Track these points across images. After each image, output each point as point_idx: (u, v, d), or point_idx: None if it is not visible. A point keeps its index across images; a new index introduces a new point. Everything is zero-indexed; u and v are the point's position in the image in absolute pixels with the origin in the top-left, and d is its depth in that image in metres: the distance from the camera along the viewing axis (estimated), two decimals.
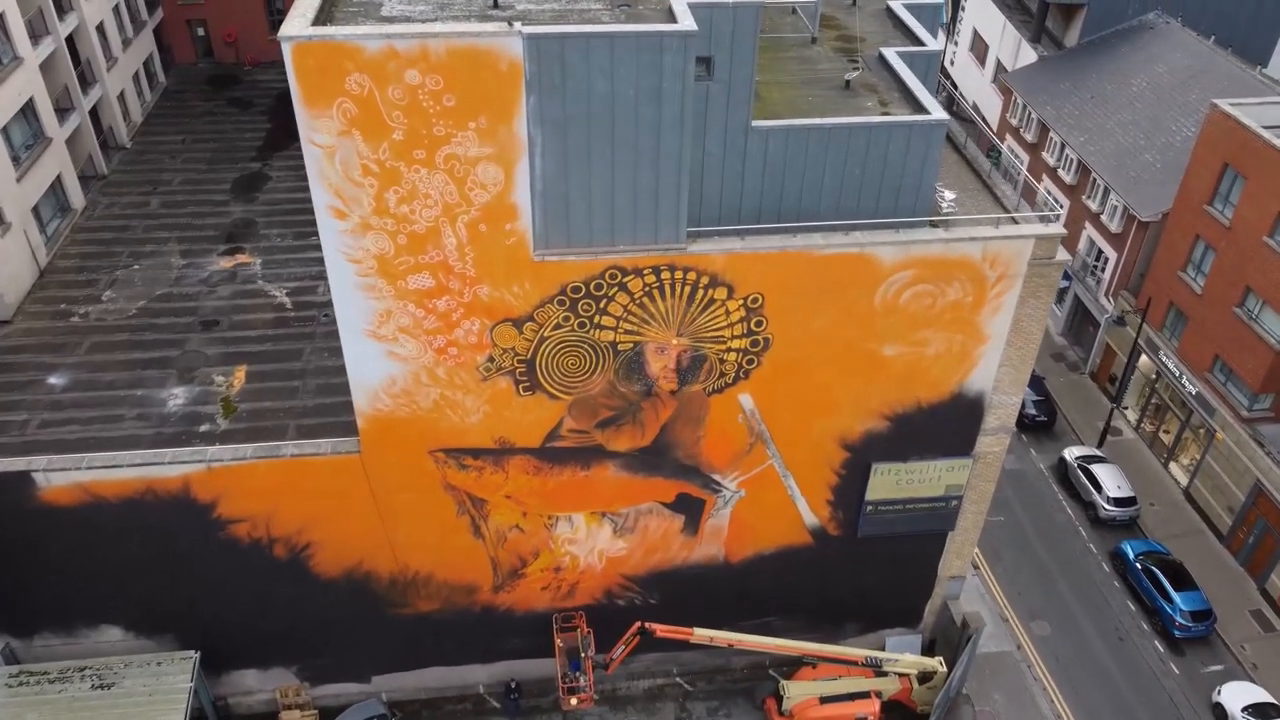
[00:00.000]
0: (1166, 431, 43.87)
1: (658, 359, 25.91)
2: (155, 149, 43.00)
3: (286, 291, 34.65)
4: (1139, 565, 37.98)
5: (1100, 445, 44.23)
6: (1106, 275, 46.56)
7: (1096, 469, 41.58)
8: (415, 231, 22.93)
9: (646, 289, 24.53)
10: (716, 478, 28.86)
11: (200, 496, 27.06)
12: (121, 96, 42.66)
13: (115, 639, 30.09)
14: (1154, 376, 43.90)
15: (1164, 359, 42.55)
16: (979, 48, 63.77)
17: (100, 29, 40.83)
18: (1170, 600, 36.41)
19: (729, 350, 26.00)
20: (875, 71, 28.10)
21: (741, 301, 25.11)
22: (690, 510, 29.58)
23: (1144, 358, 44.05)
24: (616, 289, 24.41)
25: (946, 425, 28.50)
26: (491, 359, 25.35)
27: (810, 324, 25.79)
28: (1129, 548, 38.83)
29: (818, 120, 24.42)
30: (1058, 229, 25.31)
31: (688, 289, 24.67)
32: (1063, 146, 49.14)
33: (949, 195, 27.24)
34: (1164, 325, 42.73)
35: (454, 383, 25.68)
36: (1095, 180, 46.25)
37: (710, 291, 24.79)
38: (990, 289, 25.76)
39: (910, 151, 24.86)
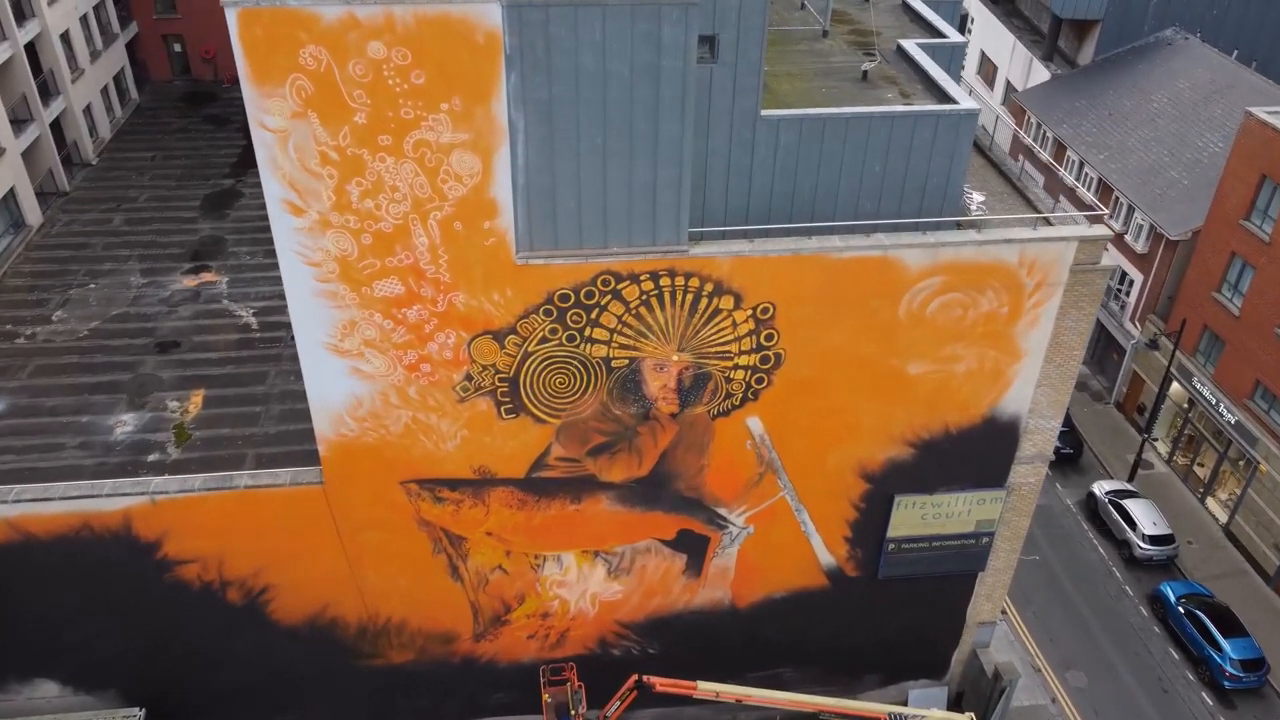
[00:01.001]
0: (1201, 464, 40.98)
1: (656, 377, 23.12)
2: (122, 165, 40.60)
3: (253, 311, 32.00)
4: (1181, 609, 34.89)
5: (1131, 479, 41.31)
6: (1132, 299, 43.94)
7: (1130, 504, 38.62)
8: (381, 230, 20.27)
9: (643, 297, 21.81)
10: (722, 512, 25.93)
11: (143, 533, 24.11)
12: (88, 110, 40.33)
13: (51, 695, 26.93)
14: (1187, 405, 41.09)
15: (1198, 386, 39.77)
16: (987, 69, 61.79)
17: (65, 38, 38.59)
18: (1219, 648, 33.27)
19: (736, 367, 23.22)
20: (894, 65, 25.66)
21: (750, 312, 22.38)
22: (693, 549, 26.60)
23: (1175, 385, 41.27)
24: (610, 297, 21.70)
25: (977, 453, 25.64)
26: (469, 377, 22.56)
27: (827, 338, 23.04)
28: (1169, 590, 35.74)
29: (834, 110, 21.90)
30: (1104, 230, 22.66)
31: (690, 297, 21.96)
32: (1081, 165, 46.78)
33: (978, 197, 24.65)
34: (1197, 350, 40.00)
35: (427, 404, 22.86)
36: (1118, 199, 43.80)
37: (715, 300, 22.07)
38: (1028, 298, 23.05)
39: (938, 145, 22.32)
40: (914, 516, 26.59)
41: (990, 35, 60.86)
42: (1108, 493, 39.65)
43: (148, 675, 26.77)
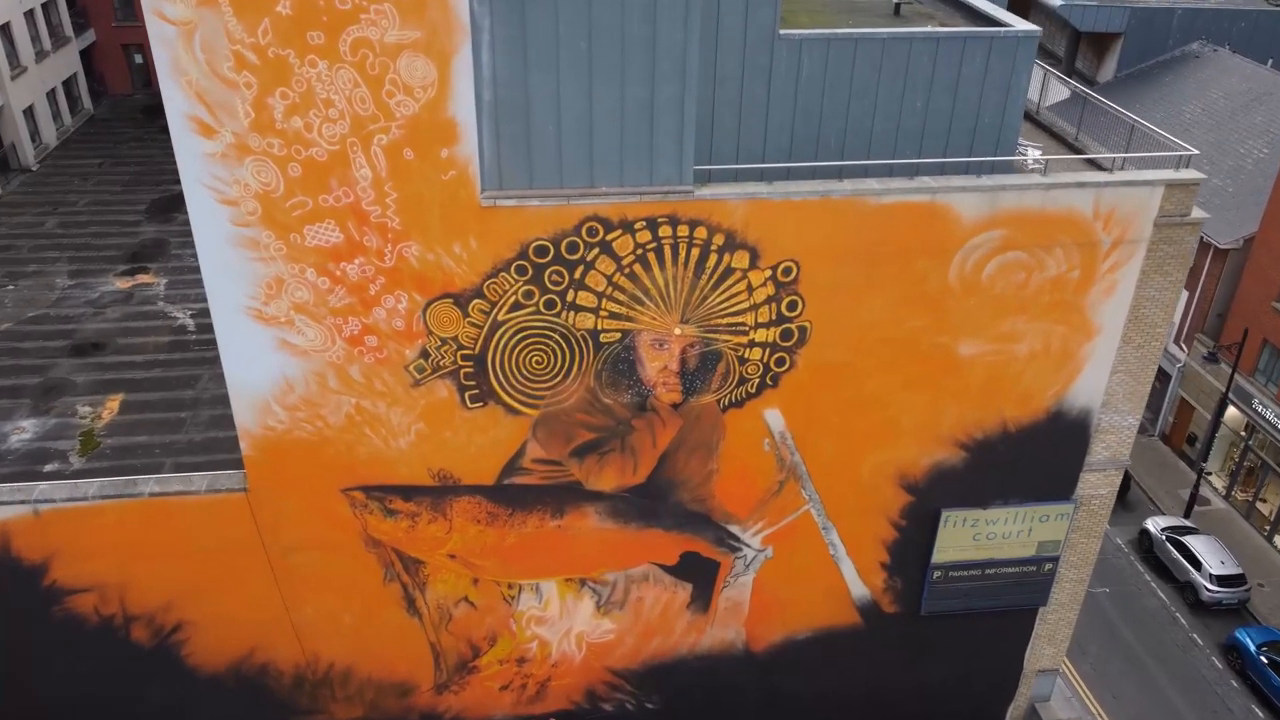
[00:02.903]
0: (1264, 499, 36.59)
1: (655, 356, 18.97)
2: (65, 172, 36.92)
3: (191, 313, 27.89)
4: (1264, 659, 30.15)
5: (1187, 515, 36.86)
6: (1176, 318, 40.03)
7: (1192, 542, 34.10)
8: (314, 158, 16.32)
9: (639, 252, 17.79)
10: (734, 531, 21.52)
11: (25, 554, 19.63)
12: (30, 113, 36.77)
13: None
14: (1245, 432, 36.87)
15: (1259, 409, 35.60)
16: None
17: (5, 30, 35.23)
18: None
19: (751, 345, 19.10)
20: (930, 3, 22.15)
21: (769, 273, 18.35)
22: (700, 577, 22.10)
23: (1231, 410, 37.11)
24: (598, 251, 17.68)
25: (1040, 457, 21.36)
26: (425, 354, 18.40)
27: (862, 308, 18.98)
28: (1246, 637, 31.05)
29: (867, 30, 18.23)
30: (1195, 174, 18.81)
31: (695, 253, 17.94)
32: None
33: (1034, 152, 20.83)
34: (1257, 369, 35.96)
35: (374, 389, 18.65)
36: None
37: (726, 257, 18.06)
38: (1103, 259, 19.07)
39: (991, 75, 18.65)
40: (964, 537, 22.18)
41: None
42: (1164, 529, 35.17)
43: None
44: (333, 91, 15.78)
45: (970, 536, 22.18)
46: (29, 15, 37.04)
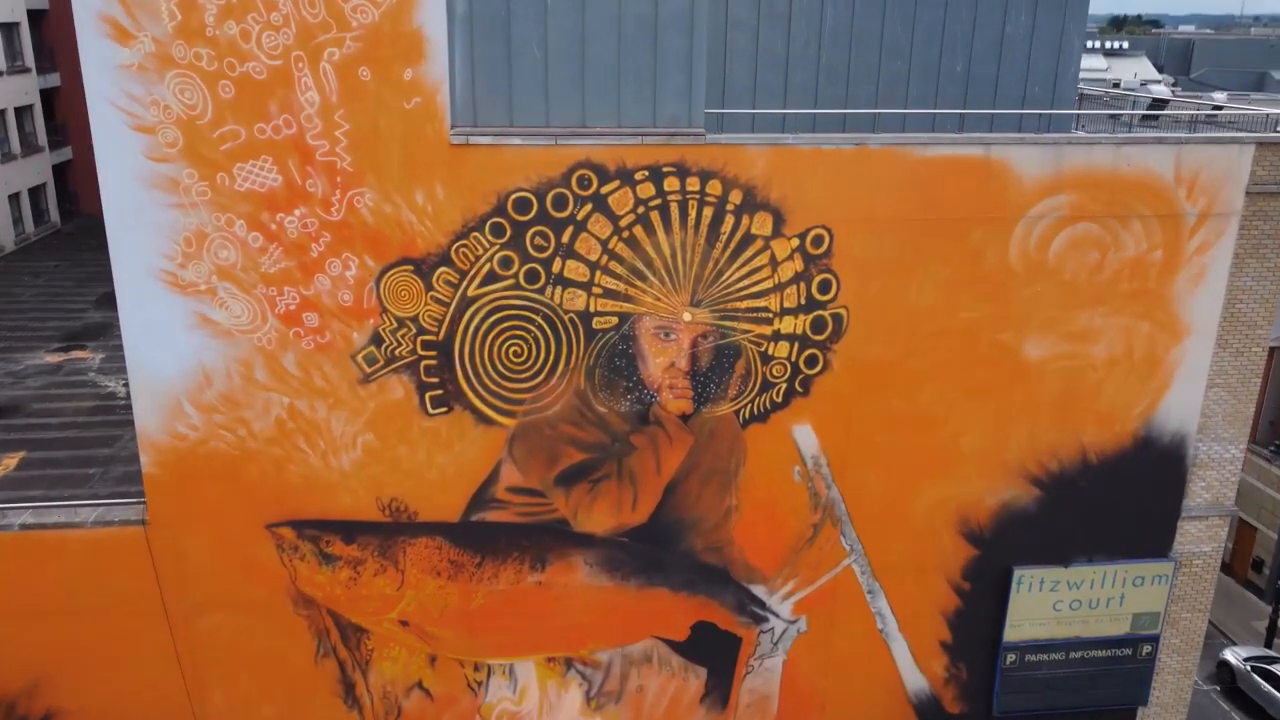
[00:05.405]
0: None
1: (660, 349, 15.54)
2: (18, 271, 34.41)
3: (124, 383, 24.40)
4: None
5: (1268, 644, 32.01)
6: None
7: None
8: (250, 75, 13.56)
9: (640, 210, 14.77)
10: (759, 593, 17.26)
11: None
12: None
13: None
14: None
15: None
16: None
17: None
18: None
19: (777, 337, 15.72)
20: None
21: (796, 243, 15.26)
22: (716, 658, 17.59)
23: None
24: (590, 208, 14.65)
25: (1128, 497, 17.51)
26: (378, 339, 14.95)
27: (909, 291, 15.77)
28: None
29: None
30: None
31: (708, 213, 14.92)
32: None
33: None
34: None
35: (312, 384, 15.05)
36: None
37: (745, 220, 15.02)
38: (1189, 238, 16.09)
39: (1039, 34, 16.37)
40: (1042, 606, 17.92)
41: None
42: (1248, 660, 30.27)
43: None
44: None
45: (1050, 605, 17.92)
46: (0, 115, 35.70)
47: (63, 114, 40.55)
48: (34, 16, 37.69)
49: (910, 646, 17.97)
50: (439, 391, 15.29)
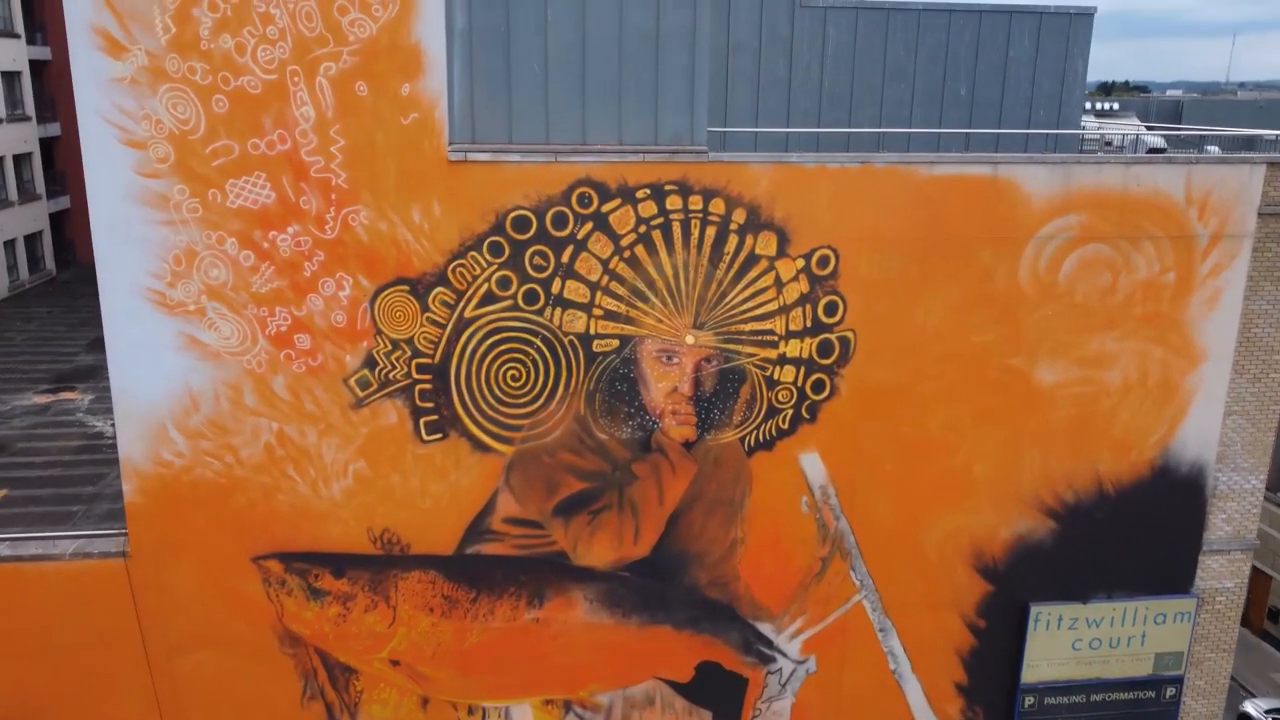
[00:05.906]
0: None
1: (662, 373, 15.08)
2: (9, 316, 34.08)
3: (113, 423, 23.86)
4: None
5: None
6: None
7: None
8: (245, 89, 13.33)
9: (642, 229, 14.44)
10: (766, 631, 16.55)
11: None
12: None
13: None
14: None
15: None
16: None
17: None
18: None
19: (783, 361, 15.28)
20: None
21: (801, 263, 14.92)
22: (722, 701, 16.81)
23: None
24: (591, 227, 14.32)
25: (1147, 530, 16.93)
26: (372, 363, 14.50)
27: (917, 313, 15.38)
28: None
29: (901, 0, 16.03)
30: None
31: (711, 233, 14.59)
32: None
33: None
34: None
35: (302, 410, 14.56)
36: None
37: (749, 240, 14.69)
38: (1202, 260, 15.77)
39: (1042, 57, 16.26)
40: (1061, 645, 17.20)
41: None
42: (1269, 712, 29.32)
43: None
44: (273, 4, 13.07)
45: (1069, 644, 17.20)
46: None
47: (62, 163, 40.61)
48: (36, 66, 37.91)
49: (924, 688, 17.21)
50: (434, 417, 14.79)
